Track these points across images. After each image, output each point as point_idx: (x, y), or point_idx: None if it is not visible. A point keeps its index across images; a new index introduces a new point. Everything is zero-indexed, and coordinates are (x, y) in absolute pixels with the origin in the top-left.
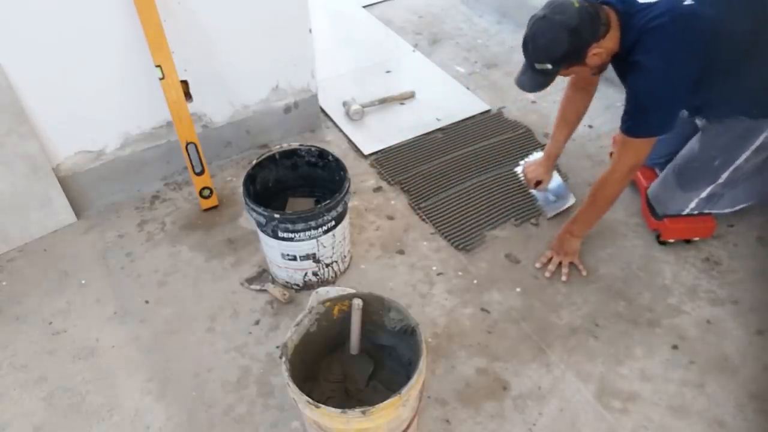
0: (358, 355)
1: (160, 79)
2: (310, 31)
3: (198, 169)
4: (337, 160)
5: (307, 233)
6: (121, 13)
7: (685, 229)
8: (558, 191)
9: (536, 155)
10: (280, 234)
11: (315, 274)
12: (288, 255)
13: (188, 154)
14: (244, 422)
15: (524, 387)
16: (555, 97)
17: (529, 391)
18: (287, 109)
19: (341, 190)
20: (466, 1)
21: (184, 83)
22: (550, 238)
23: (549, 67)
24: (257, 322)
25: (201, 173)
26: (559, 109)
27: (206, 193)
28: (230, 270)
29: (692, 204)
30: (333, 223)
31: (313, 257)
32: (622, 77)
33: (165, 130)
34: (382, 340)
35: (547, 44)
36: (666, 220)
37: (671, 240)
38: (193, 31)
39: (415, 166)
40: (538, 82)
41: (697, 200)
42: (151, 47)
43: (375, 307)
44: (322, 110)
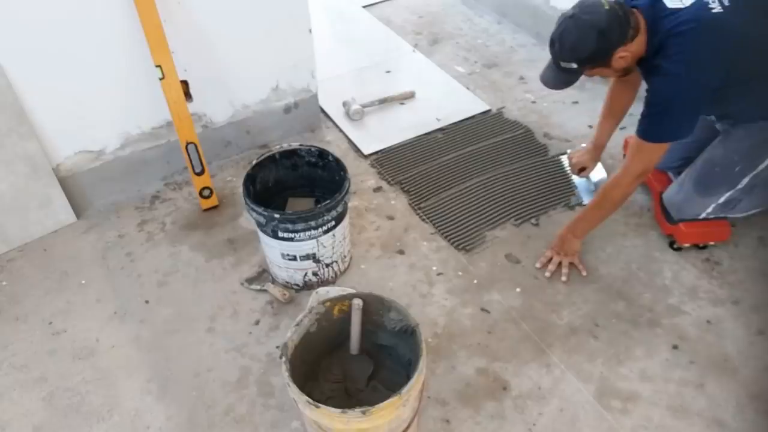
0: (358, 355)
1: (160, 79)
2: (310, 31)
3: (198, 169)
4: (337, 160)
5: (307, 233)
6: (121, 13)
7: (700, 233)
8: (599, 183)
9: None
10: (280, 234)
11: (315, 274)
12: (288, 255)
13: (188, 154)
14: (244, 422)
15: (524, 387)
16: (555, 97)
17: (529, 391)
18: (287, 109)
19: (341, 190)
20: (466, 1)
21: (184, 83)
22: (550, 238)
23: (574, 66)
24: (257, 322)
25: (201, 173)
26: (606, 101)
27: (206, 193)
28: (230, 270)
29: (709, 209)
30: (333, 223)
31: (313, 257)
32: (645, 79)
33: (165, 130)
34: (382, 340)
35: (574, 44)
36: (681, 225)
37: (686, 244)
38: (193, 31)
39: (415, 166)
40: (561, 80)
41: (714, 205)
42: (151, 47)
43: (375, 307)
44: (322, 110)
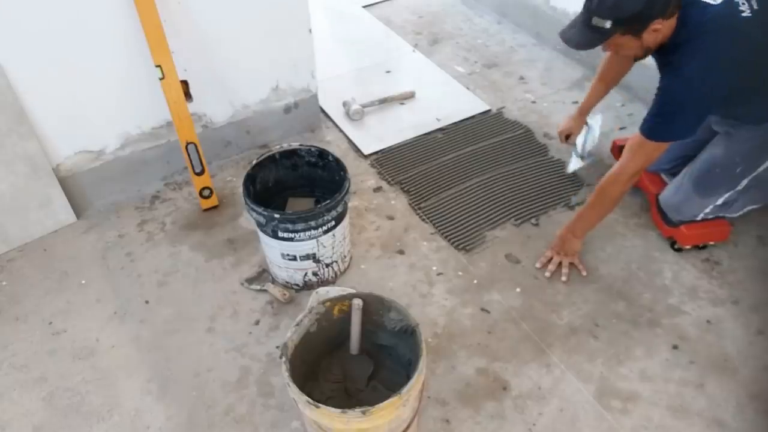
0: (358, 355)
1: (160, 79)
2: (310, 31)
3: (198, 169)
4: (337, 160)
5: (307, 233)
6: (121, 13)
7: (701, 234)
8: (587, 146)
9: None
10: (280, 234)
11: (315, 274)
12: (288, 255)
13: (188, 154)
14: (244, 422)
15: (524, 387)
16: (555, 98)
17: (529, 391)
18: (287, 109)
19: (341, 190)
20: (466, 1)
21: (184, 83)
22: (551, 238)
23: (607, 26)
24: (257, 322)
25: (201, 173)
26: (601, 67)
27: (206, 193)
28: (230, 270)
29: (707, 209)
30: (333, 223)
31: (313, 257)
32: (660, 71)
33: (165, 130)
34: (382, 340)
35: (619, 0)
36: (682, 227)
37: (687, 246)
38: (193, 31)
39: (415, 166)
40: (587, 39)
41: (712, 206)
42: (151, 47)
43: (375, 307)
44: (322, 110)
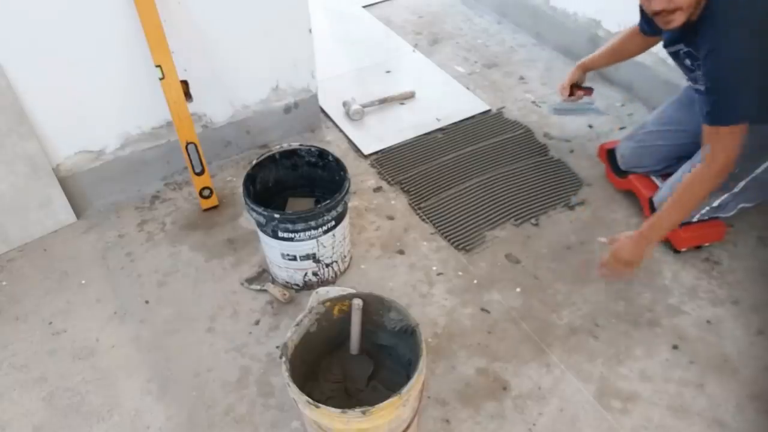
0: (358, 355)
1: (160, 79)
2: (310, 31)
3: (198, 169)
4: (337, 160)
5: (307, 233)
6: (121, 13)
7: (698, 236)
8: (578, 105)
9: None
10: (280, 234)
11: (315, 274)
12: (288, 255)
13: (188, 154)
14: (244, 422)
15: (524, 387)
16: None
17: (529, 391)
18: (287, 109)
19: (341, 190)
20: (466, 1)
21: (184, 83)
22: (551, 238)
23: None
24: (257, 322)
25: (201, 173)
26: (617, 39)
27: (206, 193)
28: (230, 270)
29: (703, 211)
30: (333, 223)
31: (313, 257)
32: (697, 49)
33: (165, 130)
34: (382, 340)
35: None
36: (678, 230)
37: (683, 249)
38: (193, 31)
39: (415, 166)
40: None
41: (708, 207)
42: (151, 47)
43: (375, 307)
44: (322, 110)
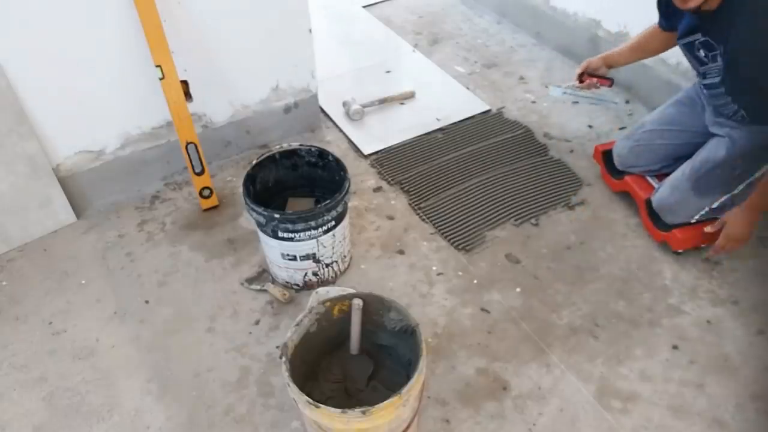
0: (358, 355)
1: (160, 79)
2: (310, 31)
3: (198, 169)
4: (337, 160)
5: (307, 233)
6: (121, 13)
7: (696, 237)
8: (588, 93)
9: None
10: (280, 234)
11: (315, 274)
12: (288, 255)
13: (188, 154)
14: (244, 422)
15: (524, 387)
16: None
17: (529, 391)
18: (287, 109)
19: (341, 190)
20: (466, 1)
21: (184, 83)
22: (551, 238)
23: None
24: (257, 322)
25: (201, 173)
26: (639, 36)
27: (206, 193)
28: (230, 270)
29: (702, 212)
30: (333, 223)
31: (313, 257)
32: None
33: (165, 130)
34: (382, 340)
35: None
36: (675, 231)
37: (680, 250)
38: (193, 31)
39: (415, 166)
40: None
41: (707, 209)
42: (151, 47)
43: (375, 307)
44: (322, 110)
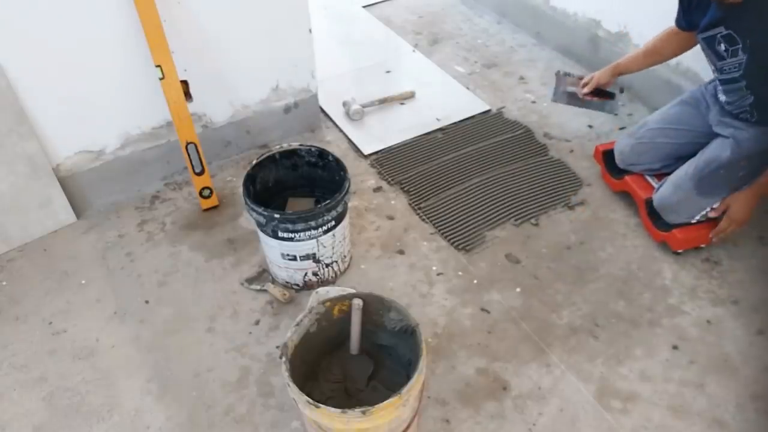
0: (358, 355)
1: (160, 79)
2: (310, 31)
3: (198, 169)
4: (337, 160)
5: (307, 233)
6: (121, 13)
7: (695, 237)
8: (596, 102)
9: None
10: (280, 234)
11: (315, 274)
12: (288, 255)
13: (188, 154)
14: (244, 422)
15: (524, 387)
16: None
17: (529, 391)
18: (287, 109)
19: (341, 190)
20: (466, 1)
21: (184, 83)
22: (551, 238)
23: None
24: (257, 322)
25: (201, 173)
26: (654, 40)
27: (206, 193)
28: (230, 270)
29: (703, 212)
30: (333, 223)
31: (313, 257)
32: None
33: (165, 130)
34: (382, 340)
35: None
36: (675, 231)
37: (680, 251)
38: (193, 31)
39: (415, 166)
40: None
41: (708, 209)
42: (151, 47)
43: (375, 307)
44: (322, 110)
